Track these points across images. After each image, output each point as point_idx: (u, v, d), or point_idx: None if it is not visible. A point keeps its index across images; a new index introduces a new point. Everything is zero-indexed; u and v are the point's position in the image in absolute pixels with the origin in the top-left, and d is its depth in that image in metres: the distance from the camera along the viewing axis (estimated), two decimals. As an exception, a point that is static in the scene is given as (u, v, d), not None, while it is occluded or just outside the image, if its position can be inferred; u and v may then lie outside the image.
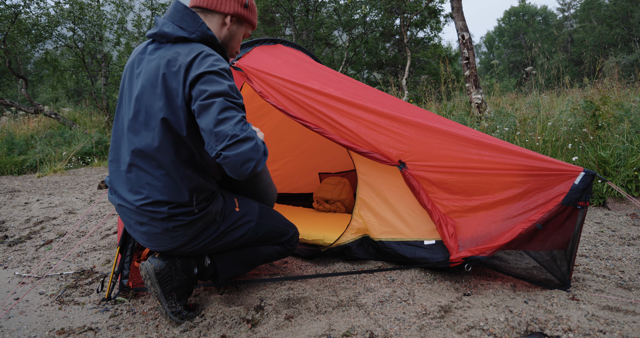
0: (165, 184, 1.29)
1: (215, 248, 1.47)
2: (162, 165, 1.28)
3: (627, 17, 21.56)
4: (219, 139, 1.14)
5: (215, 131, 1.14)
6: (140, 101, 1.28)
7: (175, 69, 1.24)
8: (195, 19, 1.32)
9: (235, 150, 1.13)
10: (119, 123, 1.38)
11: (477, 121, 5.01)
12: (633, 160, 3.10)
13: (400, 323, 1.40)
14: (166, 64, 1.25)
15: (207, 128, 1.15)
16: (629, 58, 14.42)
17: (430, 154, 1.74)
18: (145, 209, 1.29)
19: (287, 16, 11.72)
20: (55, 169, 6.29)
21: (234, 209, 1.50)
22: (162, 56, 1.28)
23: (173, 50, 1.28)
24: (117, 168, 1.36)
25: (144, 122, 1.28)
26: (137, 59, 1.36)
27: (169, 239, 1.35)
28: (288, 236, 1.68)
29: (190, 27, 1.31)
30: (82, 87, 12.62)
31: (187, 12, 1.33)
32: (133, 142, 1.30)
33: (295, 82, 1.93)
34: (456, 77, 9.57)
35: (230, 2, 1.39)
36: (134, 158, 1.30)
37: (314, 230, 2.23)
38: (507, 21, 33.99)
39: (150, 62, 1.31)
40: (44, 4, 9.08)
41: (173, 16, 1.33)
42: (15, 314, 1.59)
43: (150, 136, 1.27)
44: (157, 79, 1.26)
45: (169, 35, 1.30)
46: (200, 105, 1.18)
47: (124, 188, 1.34)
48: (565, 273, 1.58)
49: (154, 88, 1.26)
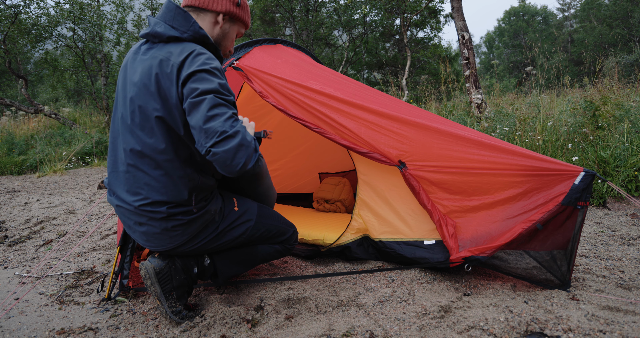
0: (164, 184, 1.29)
1: (215, 247, 1.47)
2: (160, 165, 1.28)
3: (627, 17, 21.56)
4: (208, 136, 1.13)
5: (204, 127, 1.13)
6: (134, 101, 1.28)
7: (168, 69, 1.24)
8: (187, 18, 1.32)
9: (224, 146, 1.11)
10: (116, 124, 1.37)
11: (477, 121, 5.01)
12: (633, 160, 3.10)
13: (400, 323, 1.40)
14: (159, 64, 1.25)
15: (197, 125, 1.15)
16: (629, 58, 14.42)
17: (430, 154, 1.74)
18: (144, 210, 1.29)
19: (287, 16, 11.72)
20: (55, 169, 6.29)
21: (232, 208, 1.50)
22: (155, 55, 1.28)
23: (165, 49, 1.28)
24: (115, 169, 1.36)
25: (140, 123, 1.28)
26: (131, 60, 1.36)
27: (168, 239, 1.35)
28: (287, 235, 1.69)
29: (182, 26, 1.31)
30: (82, 87, 12.63)
31: (179, 11, 1.32)
32: (129, 142, 1.29)
33: (295, 82, 1.93)
34: (456, 77, 9.57)
35: (223, 1, 1.39)
36: (131, 159, 1.29)
37: (314, 230, 2.23)
38: (507, 21, 33.99)
39: (143, 62, 1.30)
40: (44, 4, 9.08)
41: (165, 16, 1.33)
42: (15, 314, 1.59)
43: (147, 136, 1.27)
44: (151, 79, 1.25)
45: (161, 35, 1.30)
46: (191, 103, 1.17)
47: (122, 188, 1.34)
48: (565, 273, 1.58)
49: (148, 88, 1.26)
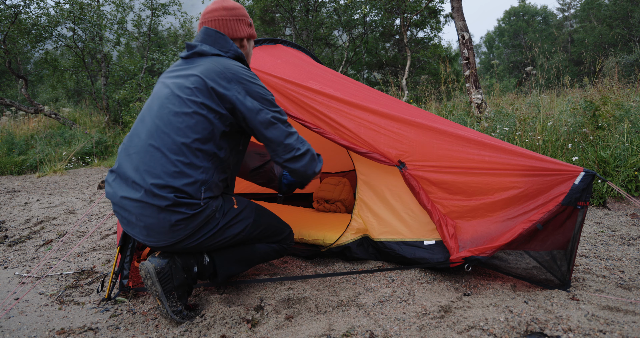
0: (181, 171, 1.32)
1: (214, 244, 1.48)
2: (184, 152, 1.33)
3: (627, 17, 21.56)
4: (287, 150, 1.45)
5: (285, 143, 1.45)
6: (181, 95, 1.38)
7: (221, 77, 1.40)
8: (227, 41, 1.53)
9: (301, 161, 1.49)
10: (151, 111, 1.43)
11: (477, 121, 5.01)
12: (633, 160, 3.10)
13: (400, 323, 1.40)
14: (213, 69, 1.41)
15: (277, 139, 1.44)
16: (629, 58, 14.42)
17: (430, 154, 1.74)
18: (152, 193, 1.30)
19: (287, 16, 11.72)
20: (55, 169, 6.29)
21: (232, 206, 1.52)
22: (209, 63, 1.43)
23: (217, 61, 1.44)
24: (129, 152, 1.40)
25: (183, 112, 1.36)
26: (178, 66, 1.51)
27: (170, 233, 1.35)
28: (284, 235, 1.73)
29: (224, 47, 1.52)
30: (82, 87, 12.64)
31: (219, 35, 1.53)
32: (160, 127, 1.36)
33: (295, 83, 1.93)
34: (456, 77, 9.56)
35: (243, 28, 1.61)
36: (155, 141, 1.35)
37: (314, 230, 2.23)
38: (507, 21, 33.99)
39: (195, 67, 1.43)
40: (44, 4, 9.08)
41: (206, 39, 1.52)
42: (15, 314, 1.59)
43: (186, 123, 1.35)
44: (204, 82, 1.38)
45: (206, 52, 1.48)
46: (269, 120, 1.43)
47: (134, 168, 1.35)
48: (565, 273, 1.58)
49: (201, 90, 1.38)
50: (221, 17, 1.55)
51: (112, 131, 9.36)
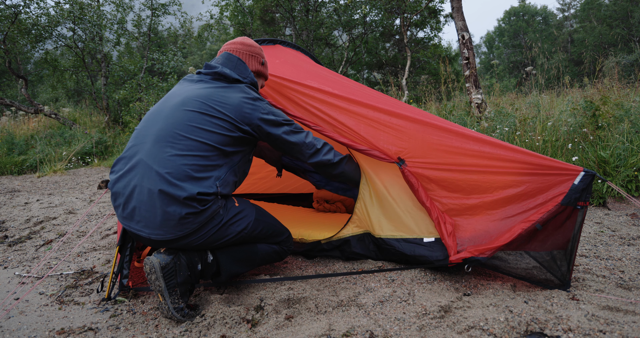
0: (200, 165, 1.43)
1: (218, 241, 1.52)
2: (204, 149, 1.45)
3: (627, 17, 21.57)
4: (309, 147, 1.68)
5: (306, 142, 1.67)
6: (209, 103, 1.52)
7: (248, 99, 1.57)
8: (246, 68, 1.72)
9: (321, 155, 1.73)
10: (161, 112, 1.55)
11: (477, 121, 5.01)
12: (633, 160, 3.10)
13: (400, 323, 1.40)
14: (240, 91, 1.59)
15: (299, 141, 1.66)
16: (629, 58, 14.43)
17: (430, 152, 1.74)
18: (170, 182, 1.36)
19: (287, 16, 11.72)
20: (55, 169, 6.29)
21: (233, 204, 1.58)
22: (233, 87, 1.61)
23: (238, 86, 1.62)
24: (144, 140, 1.48)
25: (212, 115, 1.50)
26: (196, 78, 1.67)
27: (178, 226, 1.38)
28: (284, 236, 1.77)
29: (242, 73, 1.69)
30: (82, 87, 12.63)
31: (240, 62, 1.71)
32: (184, 122, 1.48)
33: (293, 81, 1.94)
34: (456, 77, 9.57)
35: (254, 62, 1.80)
36: (183, 131, 1.46)
37: (314, 230, 2.23)
38: (507, 21, 34.00)
39: (221, 90, 1.59)
40: (44, 4, 9.08)
41: (227, 64, 1.68)
42: (15, 314, 1.59)
43: (213, 127, 1.49)
44: (233, 102, 1.54)
45: (228, 76, 1.64)
46: (292, 130, 1.66)
47: (155, 157, 1.41)
48: (565, 273, 1.58)
49: (225, 103, 1.54)
50: (239, 50, 1.77)
51: (112, 131, 9.37)
